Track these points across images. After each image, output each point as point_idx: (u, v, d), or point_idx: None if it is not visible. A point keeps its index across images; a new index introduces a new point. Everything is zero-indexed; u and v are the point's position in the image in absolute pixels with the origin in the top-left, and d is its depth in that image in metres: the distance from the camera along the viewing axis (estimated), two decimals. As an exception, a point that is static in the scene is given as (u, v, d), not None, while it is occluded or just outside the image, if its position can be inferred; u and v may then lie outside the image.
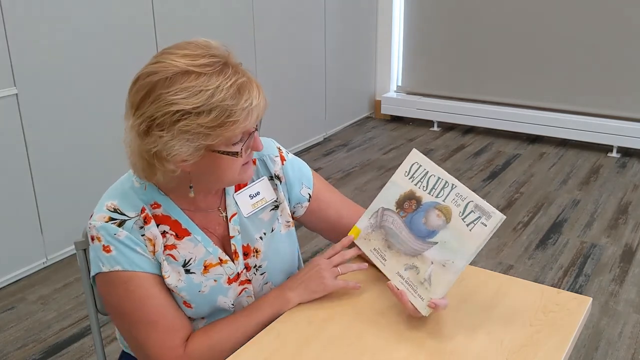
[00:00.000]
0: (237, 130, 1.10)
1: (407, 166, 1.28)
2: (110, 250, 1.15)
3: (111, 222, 1.16)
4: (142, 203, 1.19)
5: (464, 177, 4.00)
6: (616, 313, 2.56)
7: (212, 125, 1.07)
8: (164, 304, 1.19)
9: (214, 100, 1.06)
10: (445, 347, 1.15)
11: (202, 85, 1.06)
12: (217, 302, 1.25)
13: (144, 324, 1.16)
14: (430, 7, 4.97)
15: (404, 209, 1.25)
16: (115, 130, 3.04)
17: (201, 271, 1.23)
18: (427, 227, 1.21)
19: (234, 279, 1.27)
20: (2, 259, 2.76)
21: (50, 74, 2.78)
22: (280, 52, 4.14)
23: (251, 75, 1.14)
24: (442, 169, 1.24)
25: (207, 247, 1.24)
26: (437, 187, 1.23)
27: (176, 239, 1.21)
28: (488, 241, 1.17)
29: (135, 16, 3.10)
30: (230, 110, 1.07)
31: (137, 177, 1.20)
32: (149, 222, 1.18)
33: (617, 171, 4.10)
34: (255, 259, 1.29)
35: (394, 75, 5.30)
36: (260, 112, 1.14)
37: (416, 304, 1.19)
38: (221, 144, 1.11)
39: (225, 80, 1.07)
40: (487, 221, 1.15)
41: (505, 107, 4.76)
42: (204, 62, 1.08)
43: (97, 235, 1.16)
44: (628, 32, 4.26)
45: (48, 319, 2.59)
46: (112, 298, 1.19)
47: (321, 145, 4.64)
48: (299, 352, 1.14)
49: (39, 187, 2.83)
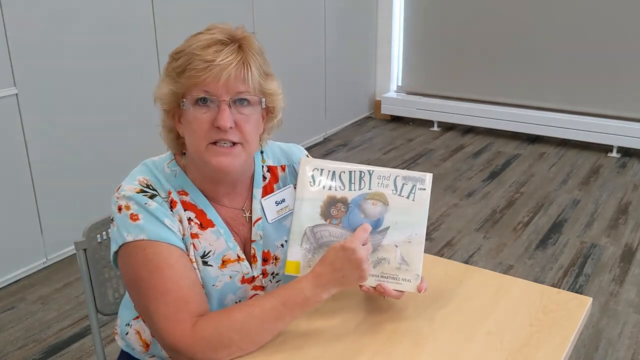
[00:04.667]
0: (192, 80, 1.12)
1: (308, 177, 1.21)
2: (138, 218, 1.15)
3: (142, 193, 1.18)
4: (170, 187, 1.21)
5: (464, 177, 4.00)
6: (616, 313, 2.56)
7: (179, 70, 1.14)
8: (181, 276, 1.14)
9: (189, 48, 1.14)
10: (446, 347, 1.15)
11: (194, 39, 1.15)
12: (225, 299, 1.25)
13: (156, 293, 1.12)
14: (430, 8, 4.97)
15: (333, 216, 1.20)
16: (115, 130, 3.07)
17: (219, 265, 1.23)
18: (370, 218, 1.19)
19: (248, 280, 1.26)
20: (2, 259, 2.76)
21: (50, 74, 2.78)
22: (280, 52, 4.13)
23: (255, 59, 1.17)
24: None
25: (228, 242, 1.24)
26: (354, 181, 1.20)
27: (200, 229, 1.22)
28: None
29: (136, 16, 3.09)
30: (193, 59, 1.12)
31: (168, 164, 1.24)
32: (175, 206, 1.20)
33: (617, 171, 4.10)
34: (273, 266, 1.29)
35: (394, 75, 5.30)
36: (226, 77, 1.11)
37: (406, 288, 1.20)
38: (184, 95, 1.15)
39: (209, 35, 1.14)
40: (423, 185, 1.18)
41: (505, 107, 4.76)
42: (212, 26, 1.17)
43: (127, 204, 1.16)
44: (628, 32, 4.26)
45: (48, 319, 2.59)
46: (130, 268, 1.16)
47: (321, 145, 4.64)
48: (299, 352, 1.14)
49: (39, 187, 2.83)
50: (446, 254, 3.04)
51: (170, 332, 1.11)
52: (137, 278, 1.15)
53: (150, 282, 1.13)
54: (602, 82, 4.43)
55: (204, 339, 1.10)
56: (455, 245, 3.12)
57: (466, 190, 3.82)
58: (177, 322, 1.11)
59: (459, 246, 3.11)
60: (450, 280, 1.35)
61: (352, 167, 1.21)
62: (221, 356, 1.10)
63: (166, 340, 1.11)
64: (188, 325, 1.11)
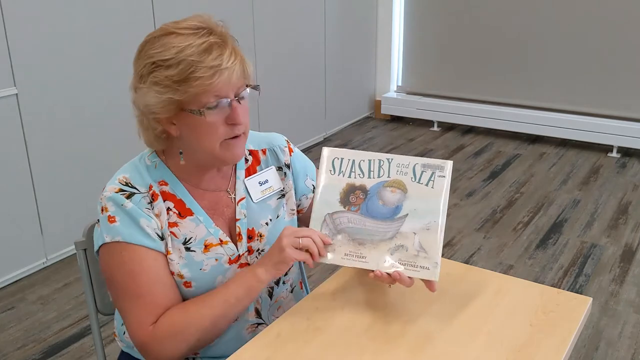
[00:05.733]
0: (201, 88, 1.12)
1: (328, 165, 1.25)
2: (114, 220, 1.19)
3: (120, 193, 1.20)
4: (150, 180, 1.24)
5: (464, 177, 4.00)
6: (616, 313, 2.56)
7: (178, 79, 1.12)
8: (154, 280, 1.20)
9: (182, 54, 1.12)
10: (446, 347, 1.15)
11: (176, 42, 1.13)
12: (215, 282, 1.27)
13: (129, 296, 1.19)
14: (430, 7, 4.97)
15: (352, 203, 1.22)
16: (115, 130, 3.07)
17: (202, 250, 1.25)
18: (388, 206, 1.20)
19: (235, 260, 1.29)
20: (2, 259, 2.76)
21: (50, 74, 2.78)
22: (280, 52, 4.14)
23: (239, 48, 1.18)
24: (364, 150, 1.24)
25: (208, 228, 1.27)
26: (373, 169, 1.22)
27: (178, 217, 1.25)
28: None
29: (136, 16, 3.10)
30: (195, 66, 1.12)
31: (149, 156, 1.27)
32: (156, 199, 1.23)
33: (617, 171, 4.10)
34: (258, 243, 1.32)
35: (394, 75, 5.30)
36: (235, 78, 1.15)
37: (424, 276, 1.19)
38: (191, 103, 1.14)
39: (199, 39, 1.14)
40: (442, 172, 1.18)
41: (505, 107, 4.76)
42: (187, 25, 1.16)
43: (106, 205, 1.20)
44: (628, 32, 4.26)
45: (48, 319, 2.59)
46: (108, 268, 1.21)
47: (321, 145, 4.64)
48: (299, 352, 1.14)
49: (39, 187, 2.83)
50: (446, 253, 3.03)
51: (139, 333, 1.18)
52: (113, 279, 1.21)
53: (124, 284, 1.19)
54: (602, 82, 4.43)
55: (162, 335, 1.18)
56: (456, 245, 3.12)
57: (466, 190, 3.82)
58: (144, 325, 1.19)
59: (459, 246, 3.11)
60: (451, 280, 1.35)
61: (371, 155, 1.23)
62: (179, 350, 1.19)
63: (135, 339, 1.20)
64: (152, 327, 1.19)
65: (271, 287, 1.36)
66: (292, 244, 1.20)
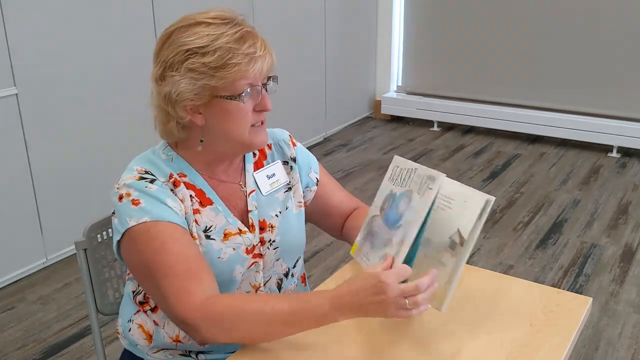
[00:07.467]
0: (239, 74, 1.16)
1: (390, 173, 1.29)
2: (139, 202, 1.17)
3: (142, 180, 1.20)
4: (170, 170, 1.25)
5: (464, 177, 4.00)
6: (616, 313, 2.56)
7: (215, 65, 1.15)
8: (186, 250, 1.16)
9: (218, 42, 1.15)
10: (446, 347, 1.15)
11: (209, 31, 1.17)
12: (234, 272, 1.27)
13: (165, 269, 1.13)
14: (430, 7, 4.97)
15: (384, 209, 1.26)
16: (115, 130, 3.07)
17: (221, 238, 1.26)
18: (398, 214, 1.21)
19: (250, 250, 1.30)
20: (2, 259, 2.76)
21: (50, 74, 2.78)
22: (280, 52, 4.10)
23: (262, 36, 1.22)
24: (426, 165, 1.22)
25: (227, 218, 1.28)
26: (405, 178, 1.24)
27: (200, 206, 1.26)
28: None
29: (136, 16, 3.10)
30: (233, 53, 1.15)
31: (163, 150, 1.27)
32: (178, 185, 1.24)
33: (617, 171, 4.10)
34: (270, 234, 1.33)
35: (394, 75, 5.30)
36: (266, 67, 1.20)
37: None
38: (225, 89, 1.17)
39: (231, 28, 1.17)
40: (432, 184, 1.16)
41: (505, 107, 4.76)
42: (215, 15, 1.19)
43: (127, 191, 1.19)
44: (628, 32, 4.26)
45: (48, 319, 2.59)
46: (135, 252, 1.18)
47: (321, 145, 4.63)
48: (300, 352, 1.14)
49: (39, 187, 2.83)
50: (446, 254, 3.03)
51: (181, 304, 1.11)
52: (143, 260, 1.16)
53: (157, 260, 1.14)
54: (602, 82, 4.43)
55: (213, 315, 1.10)
56: (455, 245, 3.11)
57: (466, 190, 3.81)
58: (188, 294, 1.11)
59: (459, 246, 3.11)
60: (450, 280, 1.35)
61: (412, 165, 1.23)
62: (222, 338, 1.12)
63: (177, 312, 1.12)
64: (198, 297, 1.11)
65: (280, 279, 1.38)
66: (398, 307, 1.06)
